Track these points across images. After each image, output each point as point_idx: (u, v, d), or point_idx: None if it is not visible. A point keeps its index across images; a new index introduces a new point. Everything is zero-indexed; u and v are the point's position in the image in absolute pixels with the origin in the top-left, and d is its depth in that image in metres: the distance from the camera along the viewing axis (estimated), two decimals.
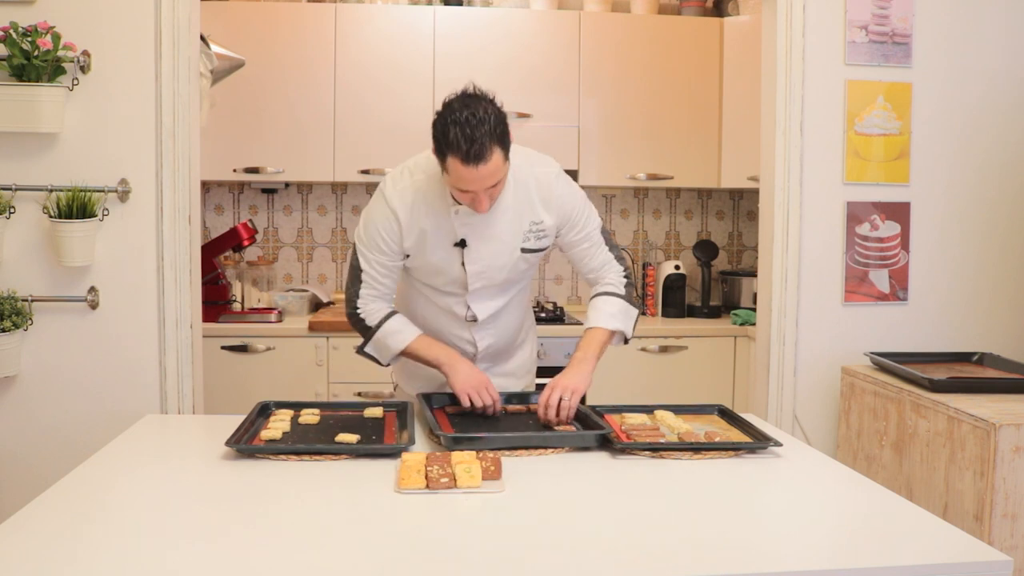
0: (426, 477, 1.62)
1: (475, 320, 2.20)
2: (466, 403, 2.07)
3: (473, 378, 2.09)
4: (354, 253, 2.17)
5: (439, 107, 1.92)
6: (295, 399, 2.22)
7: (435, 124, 1.89)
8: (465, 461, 1.67)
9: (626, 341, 2.23)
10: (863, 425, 2.80)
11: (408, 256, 2.13)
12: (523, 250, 2.12)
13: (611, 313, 2.17)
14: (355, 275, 2.16)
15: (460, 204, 2.02)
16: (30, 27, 2.47)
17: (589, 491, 1.66)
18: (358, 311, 2.18)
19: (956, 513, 2.34)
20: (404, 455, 1.74)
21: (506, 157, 1.92)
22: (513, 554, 1.37)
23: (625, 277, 2.23)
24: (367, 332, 2.19)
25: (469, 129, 1.82)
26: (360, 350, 2.24)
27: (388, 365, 2.26)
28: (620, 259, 2.24)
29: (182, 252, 2.69)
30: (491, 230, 2.08)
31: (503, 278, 2.16)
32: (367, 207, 2.15)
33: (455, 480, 1.61)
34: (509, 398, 2.21)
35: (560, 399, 2.00)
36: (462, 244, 2.09)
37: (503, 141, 1.89)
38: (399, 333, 2.16)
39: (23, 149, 2.60)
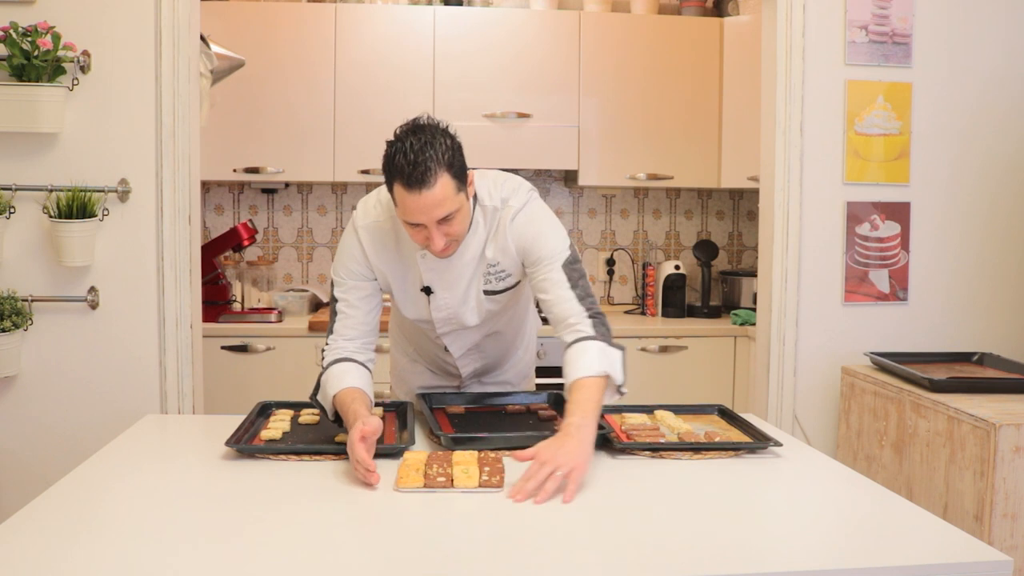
0: (424, 476, 1.62)
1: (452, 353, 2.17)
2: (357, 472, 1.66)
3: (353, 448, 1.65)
4: (332, 288, 2.01)
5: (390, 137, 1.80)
6: (295, 399, 2.21)
7: (384, 156, 1.77)
8: (464, 462, 1.67)
9: (620, 391, 1.89)
10: (863, 425, 2.80)
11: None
12: (485, 292, 2.00)
13: (590, 360, 1.82)
14: (332, 310, 1.99)
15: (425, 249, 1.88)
16: (30, 27, 2.48)
17: (589, 491, 1.65)
18: (324, 349, 1.96)
19: (956, 513, 2.34)
20: (406, 454, 1.74)
21: (459, 189, 1.77)
22: (512, 554, 1.37)
23: (591, 317, 1.88)
24: (320, 374, 1.94)
25: (412, 154, 1.71)
26: (312, 397, 1.96)
27: (337, 423, 1.90)
28: (583, 299, 1.91)
29: (182, 252, 2.69)
30: (454, 276, 1.96)
31: (472, 321, 2.05)
32: (341, 237, 2.02)
33: (452, 480, 1.61)
34: (499, 396, 2.22)
35: (551, 473, 1.59)
36: (428, 291, 1.99)
37: (453, 169, 1.75)
38: (338, 379, 1.87)
39: (23, 149, 2.60)
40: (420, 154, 1.71)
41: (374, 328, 1.99)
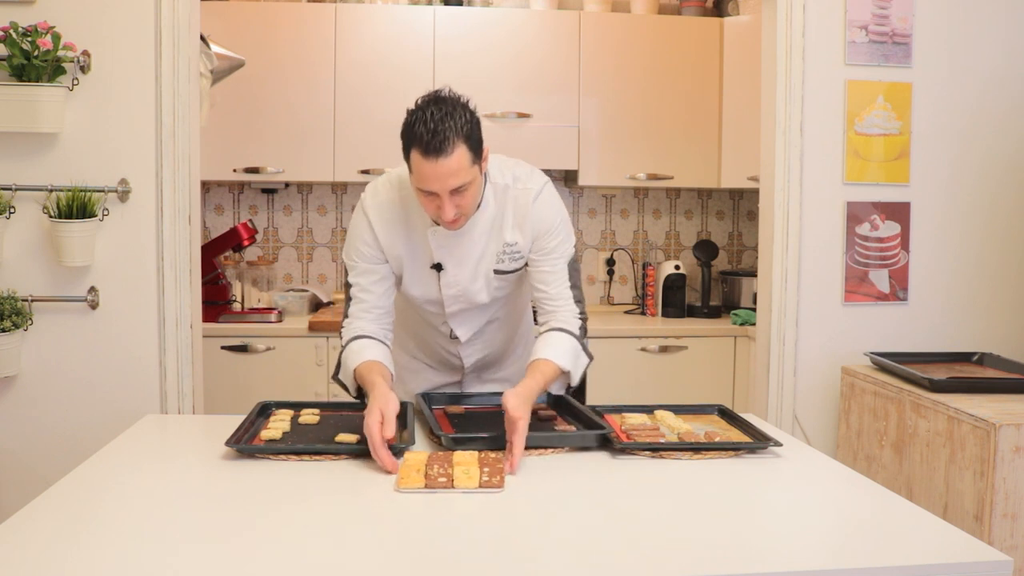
0: (425, 476, 1.62)
1: (458, 339, 2.18)
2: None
3: (370, 416, 1.73)
4: (345, 274, 2.08)
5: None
6: (295, 399, 2.21)
7: (403, 123, 1.81)
8: (465, 463, 1.67)
9: (568, 389, 2.07)
10: (863, 425, 2.80)
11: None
12: (496, 271, 2.05)
13: (564, 351, 1.97)
14: (347, 295, 2.07)
15: (438, 225, 1.93)
16: (30, 27, 2.48)
17: (589, 491, 1.65)
18: (342, 329, 2.05)
19: (956, 513, 2.34)
20: (407, 454, 1.74)
21: (474, 161, 1.82)
22: (512, 554, 1.37)
23: (580, 319, 2.04)
24: (340, 353, 2.03)
25: (433, 123, 1.75)
26: (334, 376, 2.07)
27: (360, 400, 2.00)
28: (579, 301, 2.06)
29: (182, 252, 2.69)
30: (466, 252, 2.01)
31: (482, 300, 2.08)
32: (351, 220, 2.07)
33: (453, 481, 1.61)
34: (499, 396, 2.21)
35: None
36: (438, 268, 2.02)
37: (470, 142, 1.80)
38: (357, 354, 1.96)
39: (23, 149, 2.60)
40: (440, 123, 1.76)
41: (390, 308, 2.05)
